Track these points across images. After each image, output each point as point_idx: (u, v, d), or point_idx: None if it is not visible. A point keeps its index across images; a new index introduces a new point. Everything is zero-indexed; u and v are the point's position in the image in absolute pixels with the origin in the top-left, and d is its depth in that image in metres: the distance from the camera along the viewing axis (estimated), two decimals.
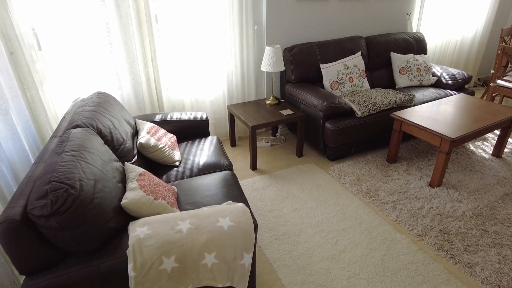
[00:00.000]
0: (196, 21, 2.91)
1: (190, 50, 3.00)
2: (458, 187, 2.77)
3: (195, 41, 2.98)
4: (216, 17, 3.00)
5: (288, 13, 3.27)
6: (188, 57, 3.01)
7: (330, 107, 2.88)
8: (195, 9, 2.87)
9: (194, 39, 2.97)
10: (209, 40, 3.05)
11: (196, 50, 3.02)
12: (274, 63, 3.00)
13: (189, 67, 3.05)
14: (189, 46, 2.98)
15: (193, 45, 2.99)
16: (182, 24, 2.89)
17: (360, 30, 3.81)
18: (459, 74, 3.76)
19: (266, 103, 3.22)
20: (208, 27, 3.00)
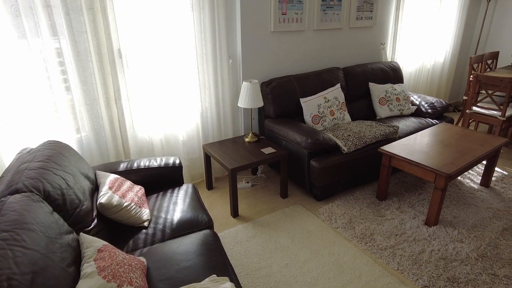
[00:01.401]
0: (165, 56, 2.66)
1: (159, 87, 2.72)
2: (455, 224, 2.59)
3: (165, 77, 2.71)
4: (188, 51, 2.77)
5: (263, 46, 3.11)
6: (157, 94, 2.73)
7: (314, 144, 2.66)
8: (164, 43, 2.62)
9: (164, 75, 2.70)
10: (181, 75, 2.79)
11: (166, 87, 2.75)
12: (252, 99, 2.78)
13: (158, 105, 2.76)
14: (158, 82, 2.70)
15: (163, 81, 2.71)
16: (150, 59, 2.62)
17: (336, 61, 3.71)
18: (438, 102, 3.72)
19: (245, 140, 2.96)
20: (179, 61, 2.75)
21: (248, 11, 2.91)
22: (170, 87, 2.76)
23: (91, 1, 2.22)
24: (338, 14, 3.45)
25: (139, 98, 2.69)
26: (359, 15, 3.64)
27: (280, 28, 3.11)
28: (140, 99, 2.69)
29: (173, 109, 2.83)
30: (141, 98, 2.69)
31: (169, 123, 2.86)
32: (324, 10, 3.32)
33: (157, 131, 2.80)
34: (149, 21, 2.52)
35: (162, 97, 2.75)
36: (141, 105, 2.71)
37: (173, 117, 2.85)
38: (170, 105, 2.81)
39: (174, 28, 2.64)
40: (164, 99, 2.77)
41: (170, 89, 2.77)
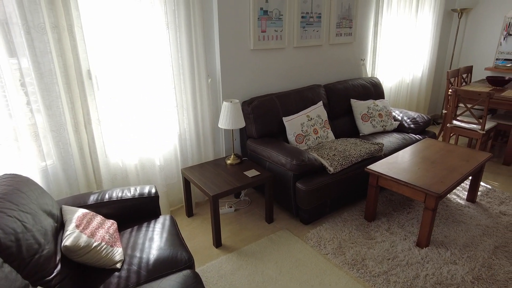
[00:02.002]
0: (140, 76, 2.49)
1: (133, 109, 2.54)
2: (447, 244, 2.51)
3: (139, 98, 2.54)
4: (164, 71, 2.62)
5: (243, 64, 3.00)
6: (131, 116, 2.55)
7: (300, 165, 2.54)
8: (138, 63, 2.46)
9: (138, 96, 2.53)
10: (156, 96, 2.63)
11: (141, 108, 2.57)
12: (234, 120, 2.64)
13: (133, 128, 2.57)
14: (132, 104, 2.52)
15: (137, 103, 2.54)
16: (123, 80, 2.45)
17: (318, 78, 3.65)
18: (420, 117, 3.71)
19: (227, 163, 2.81)
20: (155, 82, 2.59)
21: (226, 29, 2.80)
22: (145, 109, 2.59)
23: (55, 19, 2.05)
24: (318, 31, 3.41)
25: (112, 122, 2.50)
26: (339, 32, 3.61)
27: (260, 46, 3.02)
28: (112, 123, 2.50)
29: (149, 132, 2.65)
30: (113, 121, 2.50)
31: (144, 147, 2.67)
32: (303, 27, 3.27)
33: (132, 156, 2.60)
34: (121, 40, 2.36)
35: (136, 120, 2.57)
36: (114, 128, 2.52)
37: (149, 140, 2.67)
38: (145, 127, 2.63)
39: (149, 47, 2.49)
40: (139, 121, 2.59)
41: (145, 111, 2.59)
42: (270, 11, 2.97)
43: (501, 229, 2.71)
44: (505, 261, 2.35)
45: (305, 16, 3.23)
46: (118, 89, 2.45)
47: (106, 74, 2.39)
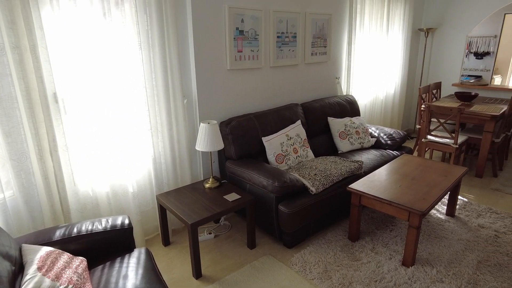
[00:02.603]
0: (111, 98, 2.35)
1: (104, 133, 2.38)
2: (432, 262, 2.48)
3: (110, 122, 2.39)
4: (137, 92, 2.49)
5: (220, 84, 2.93)
6: (102, 141, 2.38)
7: (282, 187, 2.46)
8: (109, 84, 2.32)
9: (110, 119, 2.38)
10: (129, 119, 2.49)
11: (113, 132, 2.42)
12: (212, 141, 2.54)
13: (104, 154, 2.41)
14: (103, 128, 2.37)
15: (108, 127, 2.39)
16: (93, 103, 2.30)
17: (294, 97, 3.63)
18: (396, 133, 3.75)
19: (205, 186, 2.68)
20: (127, 104, 2.46)
21: (202, 48, 2.74)
22: (117, 132, 2.44)
23: (16, 38, 1.90)
24: (294, 51, 3.41)
25: (81, 147, 2.33)
26: (314, 51, 3.64)
27: (236, 66, 2.96)
28: (81, 148, 2.33)
29: (121, 156, 2.49)
30: (83, 147, 2.34)
31: (116, 173, 2.50)
32: (279, 47, 3.26)
33: (103, 183, 2.43)
34: (91, 60, 2.23)
35: (107, 144, 2.41)
36: (83, 154, 2.35)
37: (121, 165, 2.51)
38: (118, 152, 2.47)
39: (121, 67, 2.37)
40: (111, 146, 2.43)
41: (117, 135, 2.44)
42: (246, 31, 2.94)
43: (481, 242, 2.72)
44: (489, 276, 2.34)
45: (281, 36, 3.24)
46: (87, 112, 2.30)
47: (74, 97, 2.24)
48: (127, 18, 2.32)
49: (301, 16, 3.37)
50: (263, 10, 3.03)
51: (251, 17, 2.95)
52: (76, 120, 2.27)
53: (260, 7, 3.02)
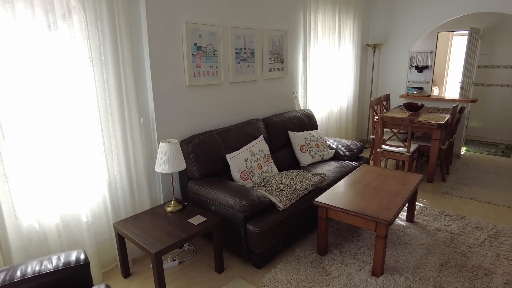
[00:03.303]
0: (58, 120, 2.13)
1: (52, 158, 2.14)
2: (399, 269, 2.53)
3: (58, 146, 2.16)
4: (89, 112, 2.29)
5: (179, 101, 2.81)
6: (49, 167, 2.14)
7: (250, 206, 2.38)
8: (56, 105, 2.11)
9: (57, 143, 2.15)
10: (80, 142, 2.28)
11: (61, 157, 2.19)
12: (173, 162, 2.40)
13: (51, 181, 2.16)
14: (50, 152, 2.13)
15: (56, 151, 2.15)
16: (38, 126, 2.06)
17: (255, 112, 3.61)
18: (353, 145, 3.87)
19: (167, 210, 2.52)
20: (78, 126, 2.25)
21: (159, 65, 2.61)
22: (66, 157, 2.21)
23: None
24: (252, 67, 3.40)
25: (24, 176, 2.07)
26: (272, 67, 3.66)
27: (195, 82, 2.87)
28: (25, 177, 2.07)
29: (72, 183, 2.26)
30: (26, 175, 2.08)
31: (67, 202, 2.26)
32: (238, 62, 3.23)
33: (52, 214, 2.17)
34: (35, 79, 2.01)
35: (56, 171, 2.17)
36: (27, 184, 2.09)
37: (73, 193, 2.27)
38: (68, 179, 2.24)
39: (70, 86, 2.17)
40: (59, 172, 2.19)
41: (66, 160, 2.21)
42: (204, 46, 2.87)
43: (441, 245, 2.84)
44: (451, 278, 2.43)
45: (239, 52, 3.21)
46: (31, 136, 2.05)
47: (15, 120, 1.99)
48: (77, 33, 2.14)
49: (258, 33, 3.39)
50: (221, 26, 2.99)
51: (209, 33, 2.89)
52: (18, 146, 2.02)
53: (218, 23, 2.98)
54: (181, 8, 2.69)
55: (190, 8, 2.75)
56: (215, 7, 2.95)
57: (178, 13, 2.67)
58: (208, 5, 2.89)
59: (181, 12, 2.69)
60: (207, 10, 2.89)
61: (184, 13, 2.71)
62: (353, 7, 4.86)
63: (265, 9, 3.46)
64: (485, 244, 2.86)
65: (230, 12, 3.09)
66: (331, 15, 4.41)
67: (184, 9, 2.71)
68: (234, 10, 3.13)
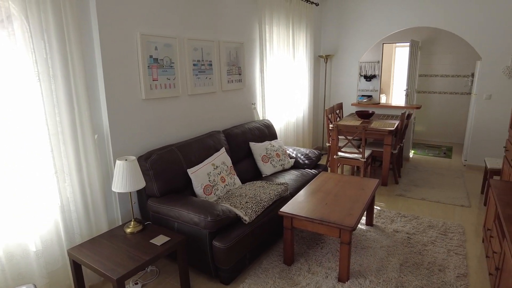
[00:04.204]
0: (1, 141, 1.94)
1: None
2: (363, 273, 2.60)
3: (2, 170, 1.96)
4: (36, 132, 2.11)
5: (135, 115, 2.69)
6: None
7: (216, 221, 2.32)
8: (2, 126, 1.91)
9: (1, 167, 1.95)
10: (27, 164, 2.08)
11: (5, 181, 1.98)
12: (131, 180, 2.27)
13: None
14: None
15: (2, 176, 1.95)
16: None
17: (215, 124, 3.57)
18: (311, 153, 3.96)
19: (126, 232, 2.37)
20: (23, 147, 2.05)
21: (113, 78, 2.49)
22: (11, 181, 2.00)
23: None
24: (211, 78, 3.37)
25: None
26: (230, 78, 3.66)
27: (152, 95, 2.77)
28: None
29: (17, 210, 2.05)
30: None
31: (11, 231, 2.04)
32: (196, 74, 3.18)
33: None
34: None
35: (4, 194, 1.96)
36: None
37: (18, 221, 2.05)
38: (12, 205, 2.02)
39: (11, 104, 1.98)
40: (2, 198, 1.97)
41: (10, 184, 2.00)
42: (160, 59, 2.79)
43: (399, 246, 2.98)
44: (411, 277, 2.55)
45: (197, 64, 3.17)
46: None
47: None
48: (19, 44, 1.97)
49: (215, 45, 3.37)
50: (177, 38, 2.93)
51: (165, 45, 2.82)
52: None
53: (174, 34, 2.92)
54: (135, 20, 2.59)
55: (145, 19, 2.67)
56: (171, 19, 2.89)
57: (132, 25, 2.57)
58: (164, 17, 2.82)
59: (135, 24, 2.60)
60: (163, 22, 2.82)
61: (138, 25, 2.62)
62: (305, 20, 5.03)
63: (221, 22, 3.47)
64: (437, 241, 3.05)
65: (186, 24, 3.04)
66: (285, 27, 4.53)
67: (138, 20, 2.62)
68: (190, 22, 3.09)
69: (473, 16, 4.69)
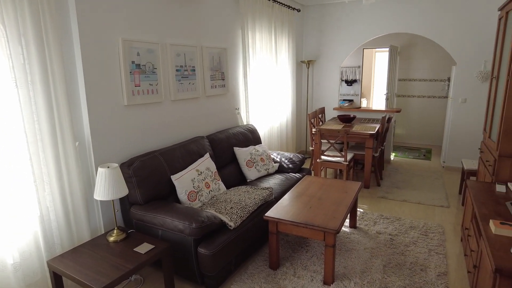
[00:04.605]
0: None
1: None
2: (348, 275, 2.64)
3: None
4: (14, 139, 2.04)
5: (117, 122, 2.65)
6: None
7: (201, 228, 2.31)
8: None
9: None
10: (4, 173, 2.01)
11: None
12: (113, 188, 2.23)
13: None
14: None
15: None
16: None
17: (199, 129, 3.55)
18: (295, 157, 4.00)
19: (109, 240, 2.32)
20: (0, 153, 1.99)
21: (94, 84, 2.45)
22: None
23: None
24: (194, 84, 3.36)
25: None
26: (213, 84, 3.66)
27: (134, 101, 2.74)
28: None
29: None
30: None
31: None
32: (179, 80, 3.17)
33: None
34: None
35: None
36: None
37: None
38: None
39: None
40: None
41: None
42: (142, 64, 2.76)
43: (382, 247, 3.04)
44: (394, 277, 2.60)
45: (180, 69, 3.15)
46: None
47: None
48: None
49: (198, 50, 3.37)
50: (160, 44, 2.91)
51: (148, 50, 2.80)
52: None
53: (156, 40, 2.90)
54: (117, 25, 2.57)
55: (127, 25, 2.64)
56: (153, 25, 2.87)
57: (114, 30, 2.55)
58: (146, 23, 2.80)
59: (117, 29, 2.57)
60: (145, 27, 2.80)
61: (120, 30, 2.59)
62: (287, 26, 5.10)
63: (203, 27, 3.47)
64: (419, 242, 3.13)
65: (168, 30, 3.03)
66: (268, 33, 4.57)
67: (120, 25, 2.59)
68: (173, 28, 3.08)
69: (448, 24, 4.87)
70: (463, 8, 4.75)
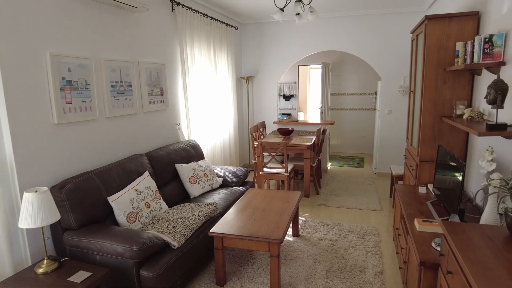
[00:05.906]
0: None
1: None
2: (293, 284, 2.71)
3: None
4: None
5: (46, 142, 2.45)
6: None
7: (142, 250, 2.21)
8: None
9: None
10: None
11: None
12: (43, 214, 2.05)
13: None
14: None
15: None
16: None
17: (137, 147, 3.42)
18: (239, 170, 4.04)
19: (38, 272, 2.11)
20: None
21: (18, 102, 2.25)
22: None
23: None
24: (131, 100, 3.25)
25: None
26: (152, 99, 3.57)
27: (66, 119, 2.57)
28: None
29: None
30: None
31: None
32: (115, 96, 3.04)
33: None
34: None
35: None
36: None
37: None
38: None
39: None
40: None
41: None
42: (74, 80, 2.61)
43: (324, 253, 3.18)
44: (337, 281, 2.73)
45: (115, 85, 3.04)
46: None
47: None
48: None
49: (135, 65, 3.28)
50: (93, 59, 2.78)
51: (80, 66, 2.66)
52: None
53: (89, 55, 2.77)
54: (44, 38, 2.40)
55: (56, 38, 2.49)
56: (86, 39, 2.74)
57: (40, 44, 2.38)
58: (77, 37, 2.67)
59: (44, 43, 2.40)
60: (76, 41, 2.66)
61: (48, 44, 2.43)
62: (226, 43, 5.20)
63: (140, 42, 3.40)
64: (357, 245, 3.33)
65: (102, 45, 2.91)
66: (206, 49, 4.61)
67: (48, 39, 2.43)
68: (107, 43, 2.97)
69: (372, 43, 5.38)
70: (383, 29, 5.29)
